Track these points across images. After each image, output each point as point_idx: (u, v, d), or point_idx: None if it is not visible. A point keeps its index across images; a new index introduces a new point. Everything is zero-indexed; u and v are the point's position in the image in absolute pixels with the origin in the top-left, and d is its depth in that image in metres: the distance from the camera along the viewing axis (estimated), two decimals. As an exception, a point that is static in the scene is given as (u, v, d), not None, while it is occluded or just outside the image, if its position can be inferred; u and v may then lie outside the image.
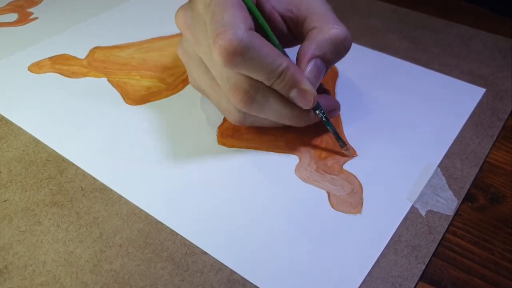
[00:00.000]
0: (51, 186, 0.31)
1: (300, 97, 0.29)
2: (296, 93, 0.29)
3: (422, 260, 0.26)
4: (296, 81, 0.28)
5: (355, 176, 0.31)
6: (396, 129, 0.34)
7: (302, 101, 0.29)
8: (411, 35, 0.45)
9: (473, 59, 0.42)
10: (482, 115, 0.36)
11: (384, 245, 0.27)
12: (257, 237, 0.27)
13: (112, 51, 0.43)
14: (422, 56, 0.42)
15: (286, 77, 0.28)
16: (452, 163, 0.32)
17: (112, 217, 0.29)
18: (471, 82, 0.39)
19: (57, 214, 0.29)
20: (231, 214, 0.29)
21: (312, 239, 0.27)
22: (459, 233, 0.28)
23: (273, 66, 0.28)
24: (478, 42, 0.44)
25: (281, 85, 0.29)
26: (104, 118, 0.36)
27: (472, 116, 0.36)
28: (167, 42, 0.44)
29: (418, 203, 0.29)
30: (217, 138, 0.34)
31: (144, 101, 0.37)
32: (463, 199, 0.30)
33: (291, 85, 0.29)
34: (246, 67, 0.27)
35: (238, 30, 0.27)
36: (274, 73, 0.28)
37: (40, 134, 0.34)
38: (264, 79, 0.28)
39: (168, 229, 0.28)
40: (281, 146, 0.33)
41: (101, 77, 0.40)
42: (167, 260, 0.27)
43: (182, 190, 0.30)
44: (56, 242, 0.28)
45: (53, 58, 0.42)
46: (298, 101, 0.29)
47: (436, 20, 0.47)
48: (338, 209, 0.29)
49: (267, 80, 0.28)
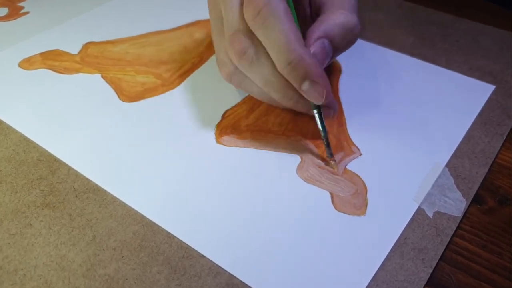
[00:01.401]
0: (43, 187, 0.31)
1: (312, 90, 0.29)
2: (308, 85, 0.28)
3: (429, 264, 0.26)
4: (309, 72, 0.28)
5: (359, 176, 0.31)
6: (402, 128, 0.34)
7: (313, 95, 0.29)
8: (417, 30, 0.45)
9: (482, 55, 0.42)
10: (491, 113, 0.36)
11: (389, 248, 0.27)
12: (257, 240, 0.27)
13: (106, 46, 0.43)
14: (429, 52, 0.42)
15: (299, 65, 0.28)
16: (460, 163, 0.32)
17: (106, 219, 0.29)
18: (480, 79, 0.39)
19: (49, 216, 0.29)
20: (230, 216, 0.29)
21: (315, 242, 0.27)
22: (467, 237, 0.28)
23: (289, 46, 0.28)
24: (487, 37, 0.44)
25: (293, 73, 0.28)
26: (98, 115, 0.36)
27: (481, 114, 0.36)
28: (163, 36, 0.44)
29: (425, 204, 0.29)
30: (215, 137, 0.34)
31: (139, 98, 0.37)
32: (471, 201, 0.30)
33: (302, 76, 0.28)
34: (264, 33, 0.28)
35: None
36: (288, 56, 0.28)
37: (31, 133, 0.34)
38: (276, 60, 0.28)
39: (164, 232, 0.28)
40: (282, 145, 0.33)
41: (95, 73, 0.39)
42: (163, 264, 0.27)
43: (178, 191, 0.30)
44: (48, 245, 0.27)
45: (44, 54, 0.42)
46: (309, 95, 0.29)
47: (444, 15, 0.47)
48: (342, 211, 0.29)
49: (279, 62, 0.28)
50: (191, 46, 0.42)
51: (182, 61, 0.41)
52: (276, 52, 0.28)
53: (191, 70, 0.40)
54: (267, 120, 0.35)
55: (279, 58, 0.28)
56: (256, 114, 0.35)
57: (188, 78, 0.39)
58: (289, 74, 0.28)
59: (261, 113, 0.35)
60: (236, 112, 0.36)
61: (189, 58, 0.41)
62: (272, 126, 0.34)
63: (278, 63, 0.28)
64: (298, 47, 0.28)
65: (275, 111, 0.36)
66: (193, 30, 0.44)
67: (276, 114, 0.35)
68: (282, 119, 0.35)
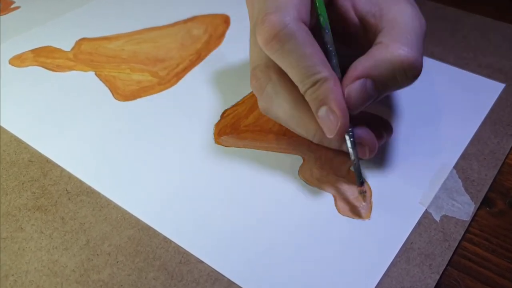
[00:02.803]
0: (34, 189, 0.31)
1: (326, 118, 0.27)
2: (325, 113, 0.27)
3: (436, 270, 0.26)
4: (329, 97, 0.26)
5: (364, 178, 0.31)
6: (408, 128, 0.34)
7: (326, 124, 0.27)
8: (424, 26, 0.45)
9: (492, 52, 0.42)
10: (501, 112, 0.36)
11: (395, 253, 0.27)
12: (258, 245, 0.27)
13: (100, 42, 0.43)
14: (436, 48, 0.42)
15: (320, 89, 0.26)
16: (468, 165, 0.32)
17: (100, 222, 0.29)
18: (490, 77, 0.39)
19: (41, 219, 0.29)
20: (229, 220, 0.29)
21: (317, 247, 0.27)
22: (476, 241, 0.28)
23: (309, 70, 0.26)
24: (497, 33, 0.44)
25: (312, 96, 0.27)
26: (92, 115, 0.36)
27: (490, 114, 0.36)
28: (159, 33, 0.44)
29: (432, 208, 0.29)
30: (214, 137, 0.34)
31: (135, 97, 0.37)
32: (480, 204, 0.30)
33: (321, 100, 0.26)
34: (282, 58, 0.27)
35: (287, 15, 0.26)
36: (308, 79, 0.26)
37: (22, 133, 0.34)
38: (297, 81, 0.27)
39: (160, 236, 0.28)
40: (284, 145, 0.33)
41: (88, 71, 0.40)
42: (159, 270, 0.27)
43: (176, 193, 0.30)
44: (40, 250, 0.28)
45: (36, 51, 0.42)
46: (323, 123, 0.27)
47: (452, 10, 0.47)
48: (345, 214, 0.29)
49: (300, 84, 0.27)
50: (189, 43, 0.42)
51: (179, 59, 0.41)
52: (296, 76, 0.27)
53: (189, 68, 0.40)
54: (268, 120, 0.35)
55: (299, 80, 0.27)
56: (256, 113, 0.35)
57: (186, 76, 0.39)
58: (309, 98, 0.27)
59: (261, 113, 0.35)
60: (235, 111, 0.36)
61: (186, 56, 0.41)
62: (273, 126, 0.34)
63: (300, 84, 0.27)
64: (322, 68, 0.26)
65: (276, 110, 0.36)
66: (191, 26, 0.44)
67: (277, 114, 0.35)
68: (284, 119, 0.35)
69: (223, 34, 0.43)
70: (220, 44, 0.42)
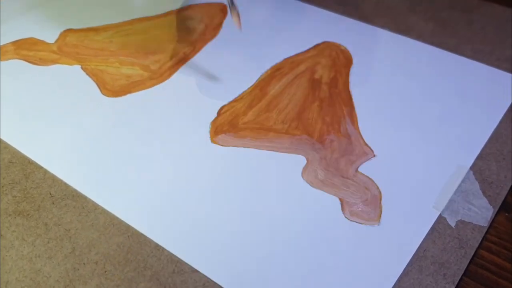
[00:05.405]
0: (15, 193, 0.31)
1: None
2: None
3: (451, 280, 0.26)
4: None
5: (373, 180, 0.31)
6: (421, 126, 0.34)
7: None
8: (438, 16, 0.45)
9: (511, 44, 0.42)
10: (521, 109, 0.36)
11: (406, 261, 0.27)
12: (257, 252, 0.27)
13: (87, 34, 0.43)
14: (451, 40, 0.42)
15: None
16: (486, 165, 0.32)
17: (86, 229, 0.29)
18: (509, 71, 0.39)
19: (22, 225, 0.29)
20: (226, 226, 0.29)
21: (322, 255, 0.27)
22: (494, 249, 0.28)
23: None
24: (517, 23, 0.44)
25: None
26: (78, 112, 0.36)
27: (509, 111, 0.36)
28: (151, 23, 0.44)
29: (446, 212, 0.29)
30: (210, 136, 0.34)
31: (124, 92, 0.37)
32: (499, 208, 0.30)
33: None
34: None
35: None
36: None
37: (2, 132, 0.34)
38: None
39: (152, 243, 0.28)
40: (286, 144, 0.33)
41: (74, 65, 0.40)
42: (151, 280, 0.27)
43: (168, 197, 0.30)
44: (21, 258, 0.27)
45: (17, 43, 0.42)
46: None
47: (467, -2, 0.47)
48: (353, 219, 0.29)
49: None
50: (183, 34, 0.42)
51: (173, 51, 0.41)
52: None
53: (183, 61, 0.40)
54: (268, 117, 0.35)
55: None
56: (256, 110, 0.35)
57: (179, 70, 0.39)
58: None
59: (261, 109, 0.35)
60: (233, 108, 0.36)
61: (180, 48, 0.41)
62: (274, 123, 0.34)
63: None
64: None
65: (277, 107, 0.36)
66: (185, 16, 0.44)
67: (279, 110, 0.35)
68: (286, 116, 0.35)
69: (220, 24, 0.43)
70: (216, 35, 0.42)
